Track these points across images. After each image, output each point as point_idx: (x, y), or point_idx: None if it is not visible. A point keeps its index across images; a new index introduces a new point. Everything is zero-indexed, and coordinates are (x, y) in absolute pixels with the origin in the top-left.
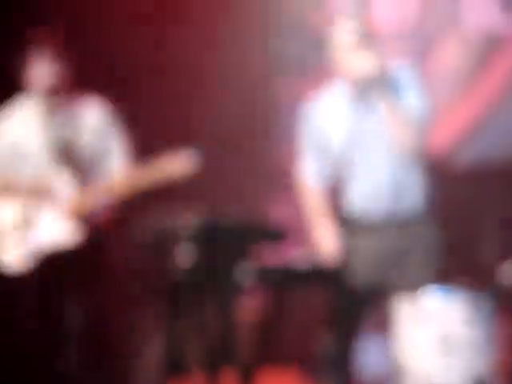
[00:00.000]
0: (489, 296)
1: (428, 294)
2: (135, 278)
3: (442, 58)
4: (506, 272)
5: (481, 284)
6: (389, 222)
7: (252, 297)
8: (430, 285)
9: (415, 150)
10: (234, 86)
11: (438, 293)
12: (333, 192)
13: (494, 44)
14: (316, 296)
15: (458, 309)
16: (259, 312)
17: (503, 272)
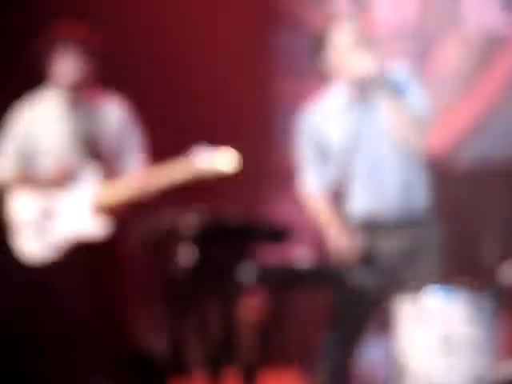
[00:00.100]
0: (490, 296)
1: (429, 293)
2: (145, 274)
3: (442, 58)
4: (506, 272)
5: (482, 284)
6: (395, 222)
7: (253, 296)
8: (431, 285)
9: (418, 150)
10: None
11: (439, 293)
12: (337, 195)
13: (495, 44)
14: (317, 296)
15: (459, 309)
16: (260, 312)
17: (504, 272)
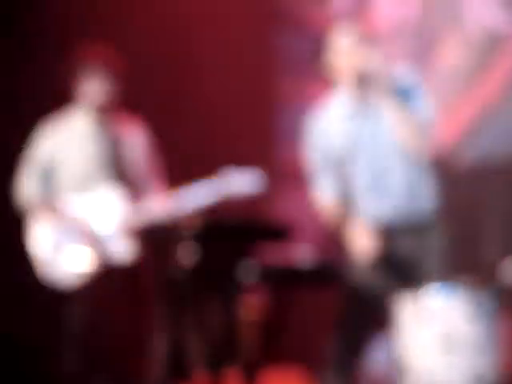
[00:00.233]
0: (490, 294)
1: (430, 292)
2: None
3: (442, 58)
4: (507, 270)
5: (483, 282)
6: (400, 224)
7: (254, 296)
8: (432, 283)
9: (420, 151)
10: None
11: (440, 291)
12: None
13: (495, 43)
14: (318, 295)
15: (460, 307)
16: (261, 311)
17: (505, 270)
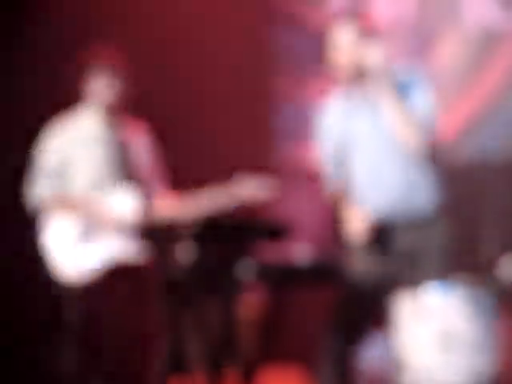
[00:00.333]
0: (489, 292)
1: (429, 290)
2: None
3: (440, 55)
4: (506, 268)
5: (481, 280)
6: (398, 221)
7: (253, 294)
8: (430, 281)
9: (417, 148)
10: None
11: (438, 289)
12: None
13: (493, 41)
14: (317, 294)
15: (459, 305)
16: (260, 310)
17: (503, 268)
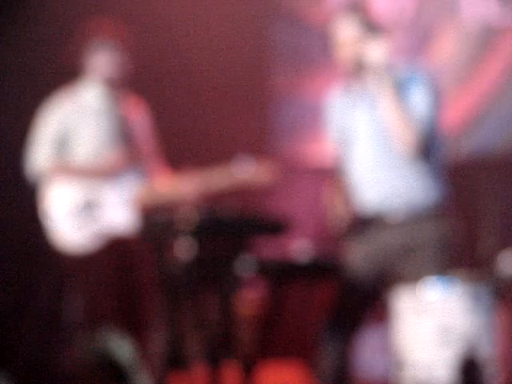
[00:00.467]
0: (488, 287)
1: (428, 285)
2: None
3: (439, 50)
4: (505, 263)
5: (480, 274)
6: (397, 215)
7: (252, 290)
8: (430, 276)
9: (412, 149)
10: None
11: (437, 284)
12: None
13: (492, 35)
14: (316, 289)
15: (458, 300)
16: (259, 305)
17: (502, 263)
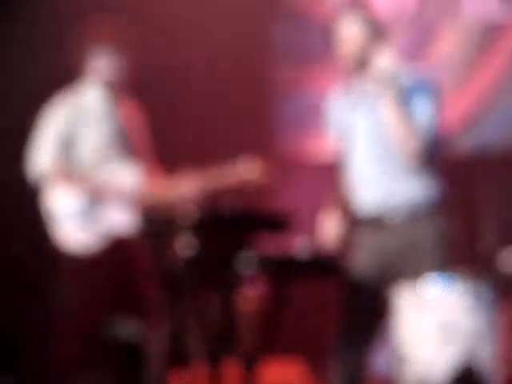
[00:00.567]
0: (489, 284)
1: (429, 282)
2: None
3: (440, 47)
4: (505, 259)
5: (481, 272)
6: (397, 213)
7: (252, 286)
8: (431, 273)
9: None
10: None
11: (438, 281)
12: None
13: (493, 32)
14: (317, 286)
15: (459, 297)
16: (260, 302)
17: (503, 260)
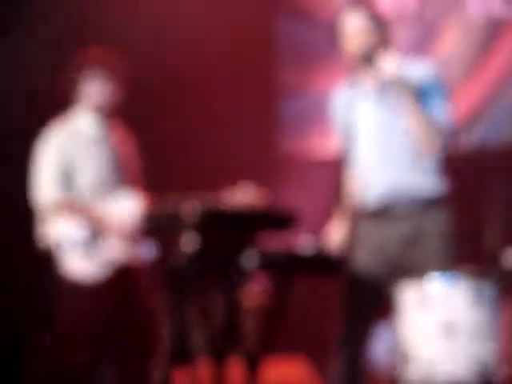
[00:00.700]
0: (492, 282)
1: (432, 280)
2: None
3: (442, 44)
4: (509, 257)
5: (484, 270)
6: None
7: (256, 283)
8: (434, 271)
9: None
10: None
11: (442, 279)
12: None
13: (496, 29)
14: (320, 283)
15: (462, 295)
16: (264, 299)
17: (507, 257)
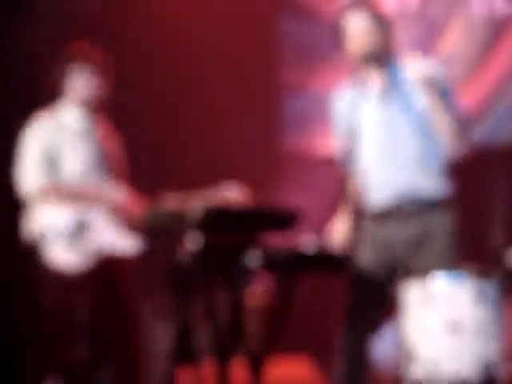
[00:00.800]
0: (496, 280)
1: (436, 278)
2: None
3: (445, 43)
4: None
5: (488, 269)
6: (408, 209)
7: (260, 283)
8: (438, 270)
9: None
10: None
11: (446, 278)
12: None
13: (498, 28)
14: (324, 282)
15: (466, 293)
16: (268, 298)
17: (510, 257)
